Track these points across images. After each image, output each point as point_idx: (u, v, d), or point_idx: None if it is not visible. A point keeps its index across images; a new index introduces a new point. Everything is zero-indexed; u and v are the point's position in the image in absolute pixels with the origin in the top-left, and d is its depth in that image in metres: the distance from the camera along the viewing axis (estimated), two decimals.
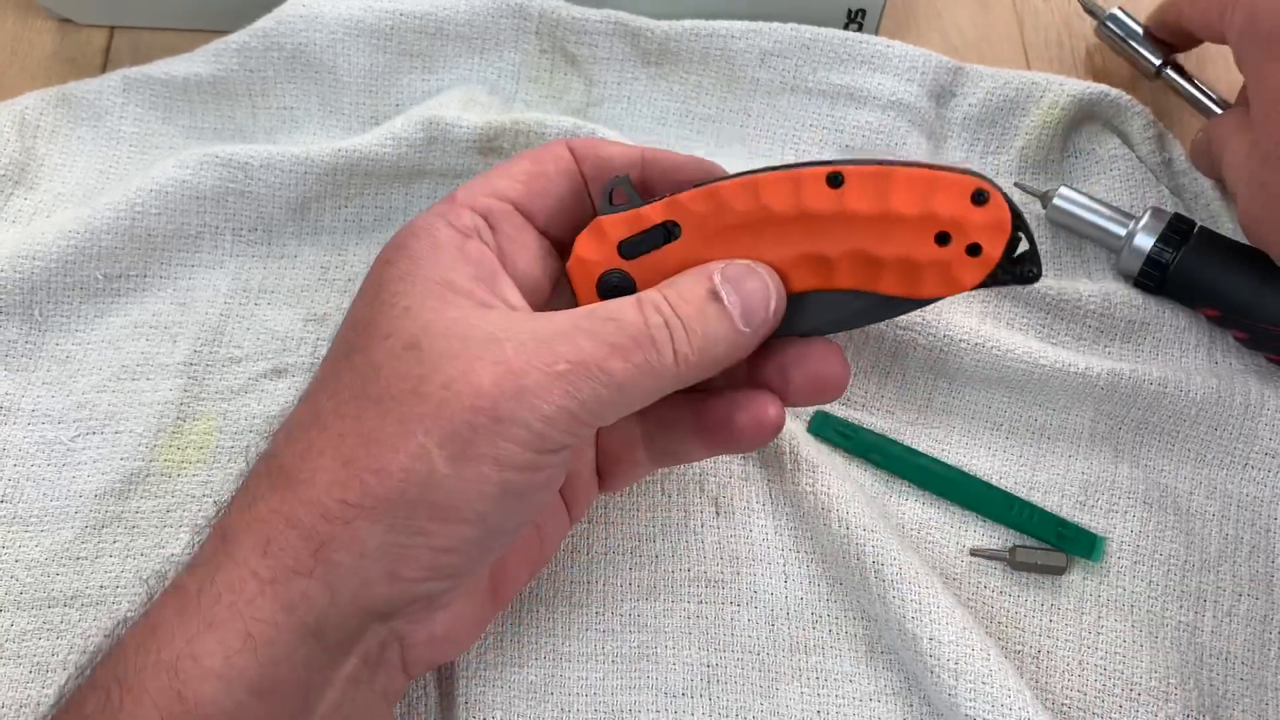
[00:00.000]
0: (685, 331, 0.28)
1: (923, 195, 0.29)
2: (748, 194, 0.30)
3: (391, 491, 0.26)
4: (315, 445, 0.27)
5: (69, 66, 0.48)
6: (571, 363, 0.27)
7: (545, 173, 0.32)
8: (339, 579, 0.26)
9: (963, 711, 0.34)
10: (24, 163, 0.43)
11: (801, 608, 0.38)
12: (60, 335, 0.41)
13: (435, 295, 0.28)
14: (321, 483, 0.26)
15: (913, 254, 0.30)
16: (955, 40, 0.51)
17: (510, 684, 0.36)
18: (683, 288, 0.29)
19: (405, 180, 0.44)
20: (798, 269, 0.30)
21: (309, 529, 0.26)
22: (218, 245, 0.43)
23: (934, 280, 0.30)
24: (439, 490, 0.26)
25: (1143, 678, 0.37)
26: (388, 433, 0.26)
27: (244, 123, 0.45)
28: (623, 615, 0.37)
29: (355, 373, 0.28)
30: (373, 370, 0.27)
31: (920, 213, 0.29)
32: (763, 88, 0.46)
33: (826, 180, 0.29)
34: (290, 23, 0.44)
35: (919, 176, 0.29)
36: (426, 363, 0.27)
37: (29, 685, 0.35)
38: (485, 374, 0.26)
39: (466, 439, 0.26)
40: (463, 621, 0.32)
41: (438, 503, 0.26)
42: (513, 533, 0.30)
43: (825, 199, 0.29)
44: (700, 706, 0.36)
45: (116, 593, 0.37)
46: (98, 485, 0.38)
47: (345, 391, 0.28)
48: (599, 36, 0.46)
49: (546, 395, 0.26)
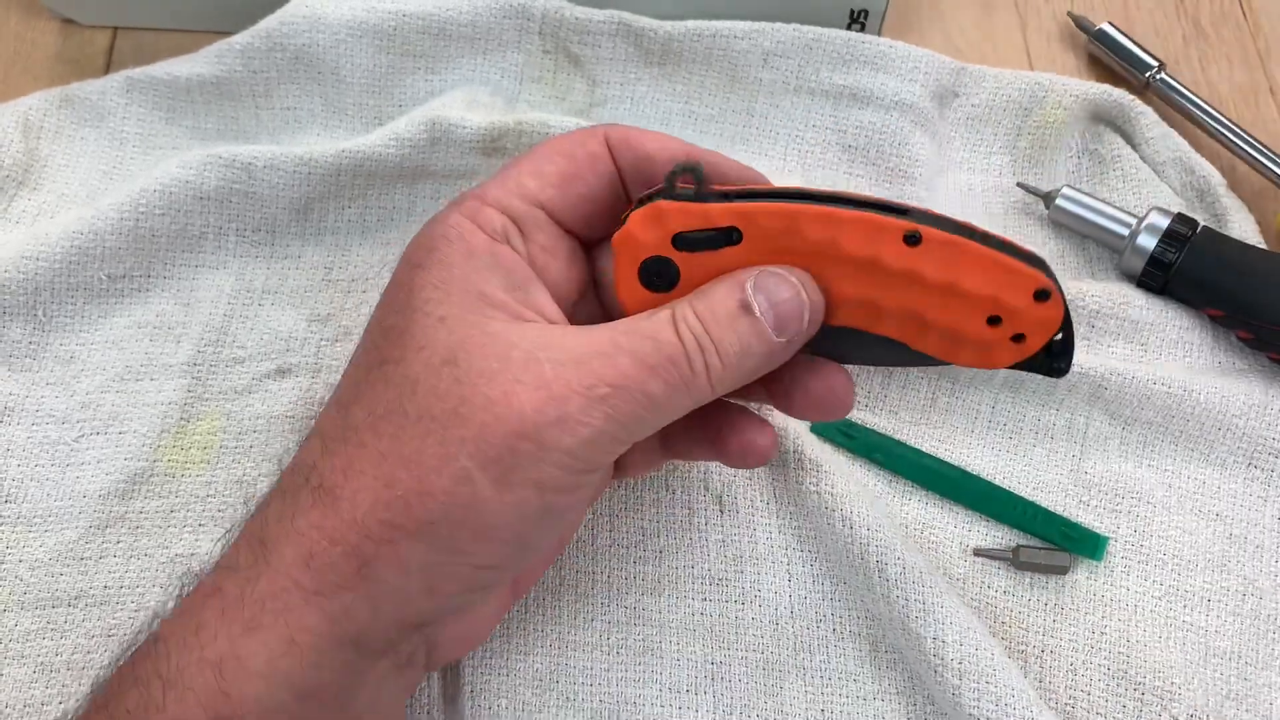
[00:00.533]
0: (718, 350, 0.28)
1: (992, 281, 0.28)
2: (823, 227, 0.28)
3: (435, 514, 0.26)
4: (355, 463, 0.27)
5: (72, 67, 0.48)
6: (612, 385, 0.27)
7: (581, 175, 0.31)
8: (381, 595, 0.27)
9: (966, 711, 0.34)
10: (28, 164, 0.43)
11: (805, 607, 0.38)
12: (64, 335, 0.41)
13: (471, 307, 0.28)
14: (365, 503, 0.26)
15: (963, 327, 0.29)
16: (958, 41, 0.51)
17: (516, 672, 0.36)
18: (714, 301, 0.28)
19: (409, 180, 0.44)
20: (846, 306, 0.30)
21: (353, 547, 0.26)
22: (221, 246, 0.43)
23: (971, 353, 0.30)
24: (482, 513, 0.26)
25: (1147, 677, 0.37)
26: (429, 454, 0.26)
27: (247, 124, 0.45)
28: (627, 608, 0.38)
29: (390, 385, 0.27)
30: (409, 385, 0.27)
31: (985, 295, 0.28)
32: (766, 88, 0.46)
33: (904, 238, 0.28)
34: (293, 23, 0.44)
35: (993, 262, 0.28)
36: (466, 382, 0.26)
37: (33, 685, 0.35)
38: (527, 398, 0.26)
39: (509, 464, 0.26)
40: (485, 619, 0.33)
41: (480, 524, 0.26)
42: (548, 545, 0.30)
43: (898, 256, 0.28)
44: (704, 704, 0.36)
45: (120, 593, 0.37)
46: (101, 485, 0.38)
47: (381, 405, 0.27)
48: (602, 37, 0.46)
49: (588, 419, 0.26)
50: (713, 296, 0.29)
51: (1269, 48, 0.51)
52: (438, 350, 0.27)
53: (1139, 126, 0.45)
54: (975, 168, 0.46)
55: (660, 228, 0.29)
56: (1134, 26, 0.51)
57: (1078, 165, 0.46)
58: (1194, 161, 0.45)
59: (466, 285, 0.28)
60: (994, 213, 0.46)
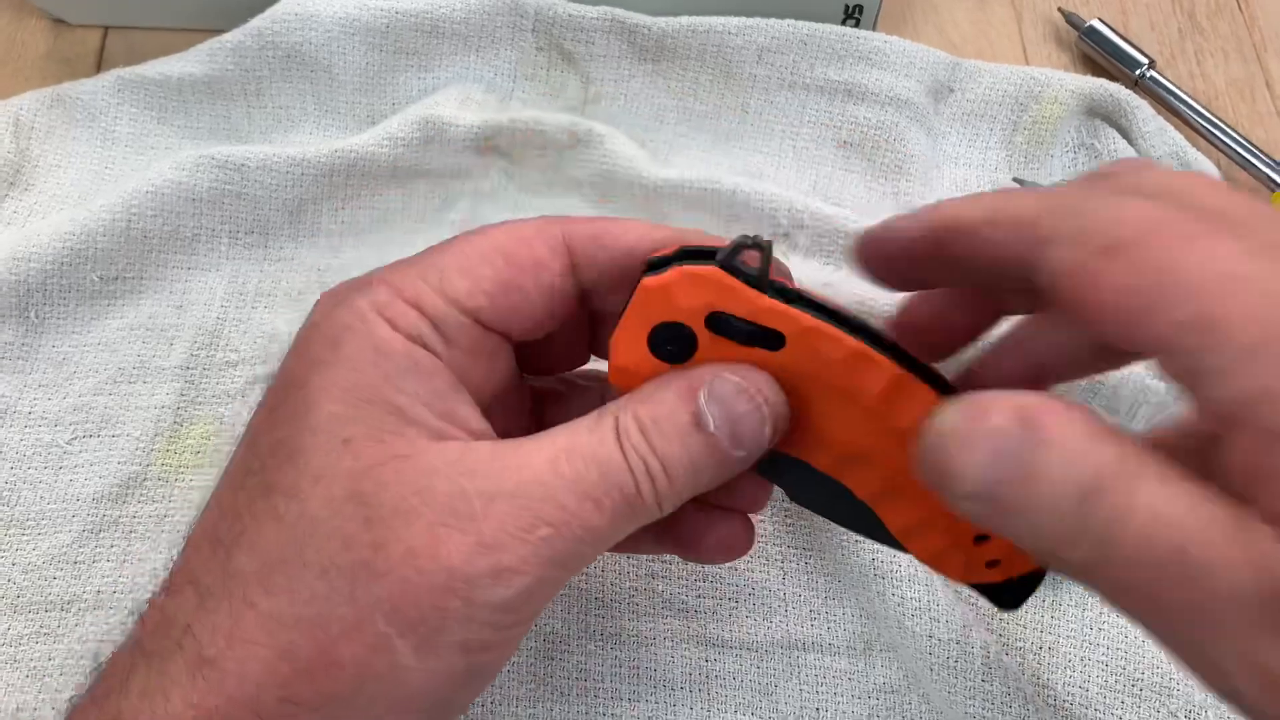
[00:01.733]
0: (665, 470, 0.24)
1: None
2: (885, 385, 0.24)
3: (344, 688, 0.22)
4: (243, 628, 0.22)
5: (63, 67, 0.48)
6: (553, 525, 0.23)
7: (519, 284, 0.26)
8: None
9: (962, 710, 0.34)
10: (18, 164, 0.43)
11: (799, 604, 0.38)
12: (56, 337, 0.40)
13: (383, 425, 0.23)
14: (255, 676, 0.22)
15: (955, 532, 0.26)
16: (953, 36, 0.51)
17: (507, 668, 0.36)
18: (662, 414, 0.24)
19: (402, 180, 0.44)
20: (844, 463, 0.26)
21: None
22: (214, 248, 0.43)
23: (935, 555, 0.27)
24: (402, 684, 0.23)
25: (1145, 673, 0.37)
26: (337, 617, 0.22)
27: (239, 123, 0.45)
28: (620, 603, 0.37)
29: (283, 525, 0.23)
30: (308, 526, 0.23)
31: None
32: (760, 84, 0.45)
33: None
34: (285, 22, 0.44)
35: None
36: (379, 524, 0.22)
37: (24, 690, 0.35)
38: (455, 547, 0.22)
39: (434, 625, 0.22)
40: None
41: (398, 695, 0.23)
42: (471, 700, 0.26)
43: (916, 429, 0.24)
44: (698, 700, 0.36)
45: (114, 598, 0.37)
46: (95, 489, 0.38)
47: (273, 551, 0.23)
48: (595, 33, 0.46)
49: (525, 567, 0.23)
50: (659, 405, 0.25)
51: (1265, 41, 0.51)
52: (341, 482, 0.23)
53: (1135, 121, 0.45)
54: (971, 163, 0.46)
55: (703, 297, 0.25)
56: (1129, 20, 0.51)
57: (1074, 160, 0.46)
58: (1190, 156, 0.45)
59: (376, 395, 0.24)
60: None
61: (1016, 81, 0.45)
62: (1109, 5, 0.52)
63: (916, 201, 0.44)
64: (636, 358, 0.26)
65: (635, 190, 0.43)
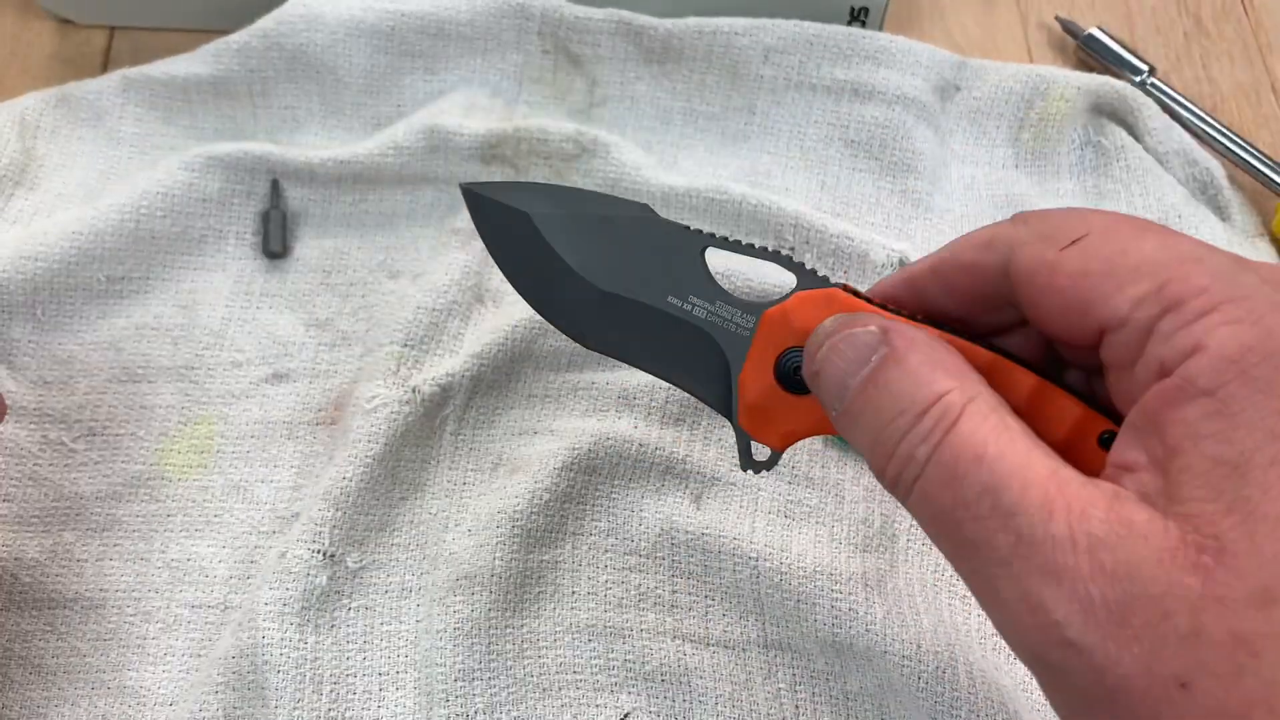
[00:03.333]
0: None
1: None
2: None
3: None
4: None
5: (69, 67, 0.48)
6: None
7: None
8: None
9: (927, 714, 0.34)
10: (24, 163, 0.43)
11: (774, 606, 0.37)
12: (63, 336, 0.40)
13: None
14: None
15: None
16: (959, 38, 0.51)
17: (496, 668, 0.36)
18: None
19: (408, 186, 0.44)
20: None
21: None
22: (220, 249, 0.43)
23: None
24: None
25: None
26: None
27: (245, 123, 0.45)
28: (595, 595, 0.37)
29: None
30: None
31: None
32: (767, 85, 0.45)
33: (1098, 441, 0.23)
34: (291, 23, 0.44)
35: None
36: None
37: (29, 687, 0.35)
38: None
39: None
40: None
41: None
42: None
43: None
44: (679, 694, 0.36)
45: (118, 596, 0.37)
46: (99, 488, 0.38)
47: None
48: (601, 36, 0.46)
49: None
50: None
51: (1271, 44, 0.51)
52: None
53: (1142, 118, 0.45)
54: (978, 161, 0.46)
55: (822, 319, 0.25)
56: (1135, 24, 0.51)
57: (1080, 157, 0.46)
58: (1197, 154, 0.45)
59: None
60: (998, 205, 0.45)
61: (1023, 79, 0.45)
62: (1113, 10, 0.52)
63: (924, 199, 0.44)
64: (763, 384, 0.26)
65: (641, 198, 0.43)
